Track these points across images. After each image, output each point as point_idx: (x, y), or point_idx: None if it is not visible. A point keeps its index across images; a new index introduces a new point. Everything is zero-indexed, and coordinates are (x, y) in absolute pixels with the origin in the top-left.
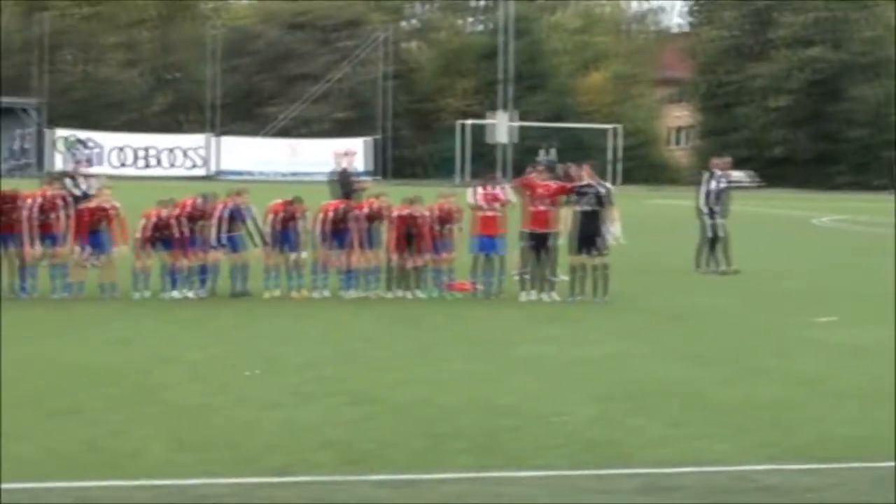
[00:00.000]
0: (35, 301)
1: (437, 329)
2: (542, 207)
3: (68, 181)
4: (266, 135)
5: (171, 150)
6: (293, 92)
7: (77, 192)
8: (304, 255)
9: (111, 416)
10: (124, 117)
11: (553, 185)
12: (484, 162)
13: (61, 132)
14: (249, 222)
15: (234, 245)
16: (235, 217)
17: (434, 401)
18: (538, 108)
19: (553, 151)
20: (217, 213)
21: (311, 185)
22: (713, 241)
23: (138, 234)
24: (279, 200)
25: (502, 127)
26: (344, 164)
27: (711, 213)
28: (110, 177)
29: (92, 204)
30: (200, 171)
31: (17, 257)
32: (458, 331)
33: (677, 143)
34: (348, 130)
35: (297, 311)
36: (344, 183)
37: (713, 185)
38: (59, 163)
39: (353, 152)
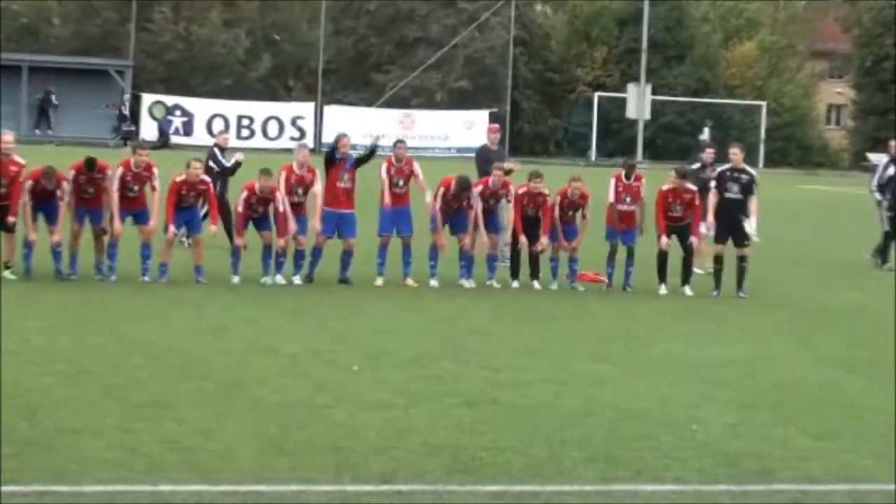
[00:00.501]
0: (119, 283)
1: (560, 324)
2: (676, 214)
3: (216, 151)
4: (378, 105)
5: (271, 120)
6: (409, 58)
7: (226, 165)
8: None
9: (197, 413)
10: (221, 82)
11: (688, 194)
12: (617, 140)
13: (148, 97)
14: None
15: (343, 224)
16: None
17: (556, 404)
18: (678, 81)
19: (707, 130)
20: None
21: (430, 160)
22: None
23: (240, 209)
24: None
25: (644, 101)
26: (488, 140)
27: (892, 205)
28: (200, 147)
29: (182, 177)
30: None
31: (103, 234)
32: (584, 326)
33: (834, 122)
34: (469, 101)
35: (407, 301)
36: (484, 160)
37: (892, 171)
38: (145, 131)
39: (496, 128)
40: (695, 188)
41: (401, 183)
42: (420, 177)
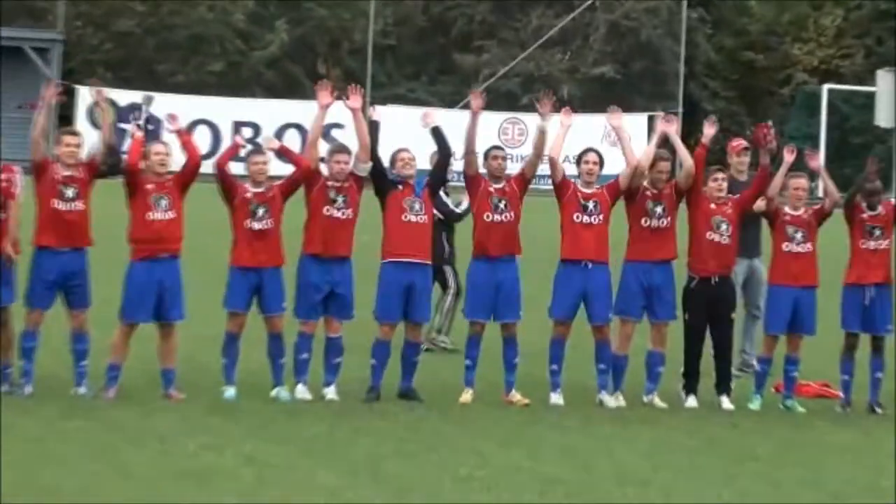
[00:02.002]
0: (39, 397)
1: (774, 472)
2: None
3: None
4: (465, 105)
5: (288, 129)
6: (515, 29)
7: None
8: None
9: None
10: (207, 68)
11: None
12: (861, 160)
13: (88, 92)
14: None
15: (416, 291)
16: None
17: None
18: None
19: None
20: None
21: (548, 194)
22: None
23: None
24: None
25: None
26: (732, 165)
27: None
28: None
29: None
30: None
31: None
32: (812, 478)
33: None
34: (616, 99)
35: (510, 431)
36: None
37: None
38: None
39: (741, 146)
40: None
41: (502, 205)
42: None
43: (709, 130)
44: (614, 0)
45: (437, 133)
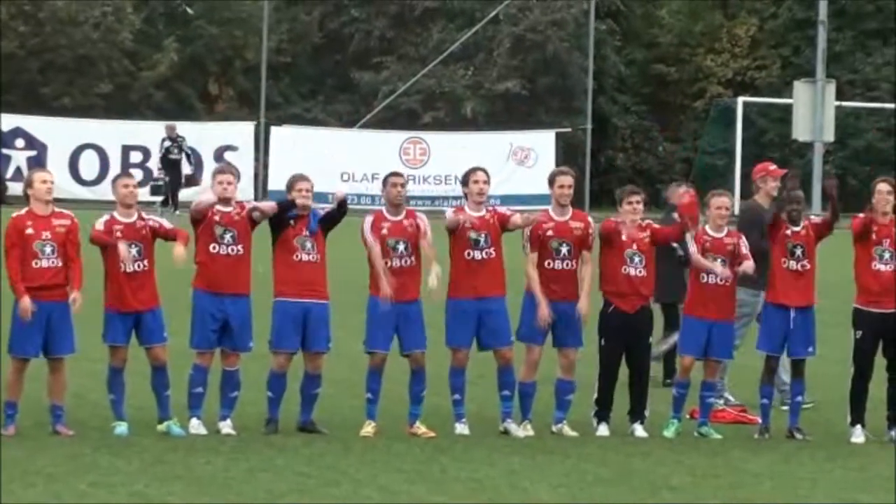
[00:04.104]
0: None
1: None
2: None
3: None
4: (363, 124)
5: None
6: (416, 44)
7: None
8: None
9: None
10: (94, 90)
11: None
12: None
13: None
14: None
15: (312, 327)
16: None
17: None
18: (882, 76)
19: None
20: None
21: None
22: None
23: None
24: None
25: (822, 110)
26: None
27: None
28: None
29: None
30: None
31: None
32: None
33: None
34: (521, 117)
35: (417, 465)
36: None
37: None
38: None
39: (769, 169)
40: None
41: (401, 248)
42: (428, 236)
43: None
44: (518, 13)
45: (340, 205)
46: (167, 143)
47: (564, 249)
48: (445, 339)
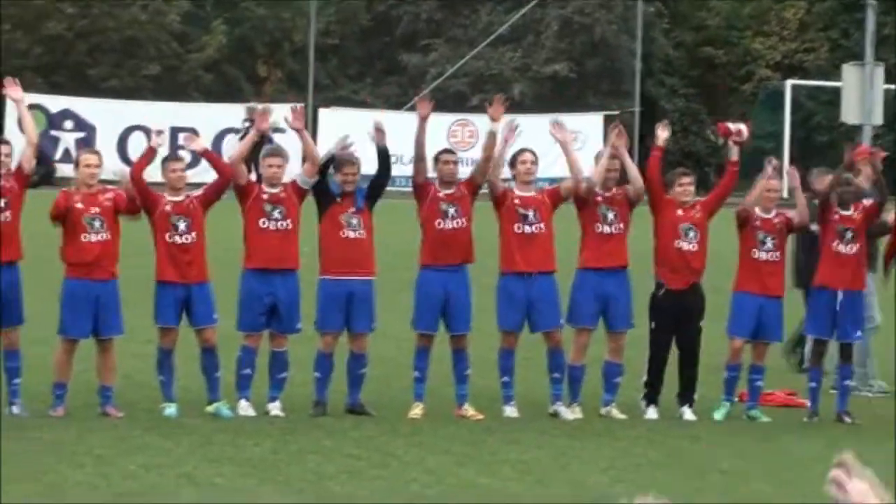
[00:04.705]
0: None
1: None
2: None
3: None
4: (412, 107)
5: (227, 134)
6: (464, 27)
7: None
8: None
9: None
10: (142, 72)
11: None
12: (829, 158)
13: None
14: None
15: (357, 306)
16: None
17: None
18: None
19: None
20: None
21: None
22: None
23: None
24: None
25: (872, 93)
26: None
27: None
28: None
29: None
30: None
31: None
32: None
33: None
34: (570, 99)
35: (464, 447)
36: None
37: None
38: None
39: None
40: None
41: (452, 211)
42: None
43: (662, 133)
44: None
45: (382, 154)
46: (247, 125)
47: (611, 215)
48: (496, 321)
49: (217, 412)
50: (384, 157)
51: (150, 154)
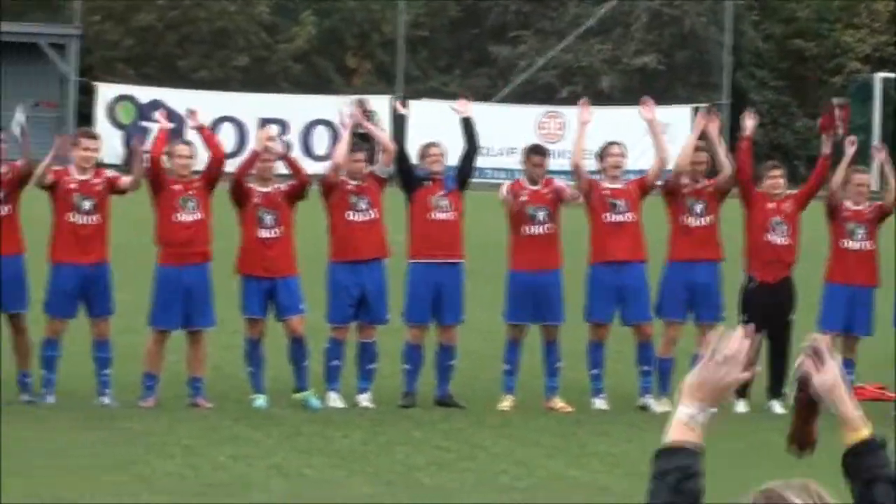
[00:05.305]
0: (62, 407)
1: None
2: None
3: None
4: (500, 98)
5: (316, 126)
6: (553, 19)
7: None
8: None
9: None
10: (231, 63)
11: None
12: None
13: (107, 89)
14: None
15: (445, 292)
16: None
17: None
18: None
19: None
20: None
21: None
22: None
23: None
24: None
25: None
26: None
27: None
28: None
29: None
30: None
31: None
32: None
33: None
34: (658, 91)
35: (555, 439)
36: None
37: None
38: (116, 144)
39: None
40: None
41: (541, 216)
42: (567, 193)
43: (749, 122)
44: None
45: (467, 124)
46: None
47: (699, 207)
48: (585, 313)
49: (306, 402)
50: (469, 127)
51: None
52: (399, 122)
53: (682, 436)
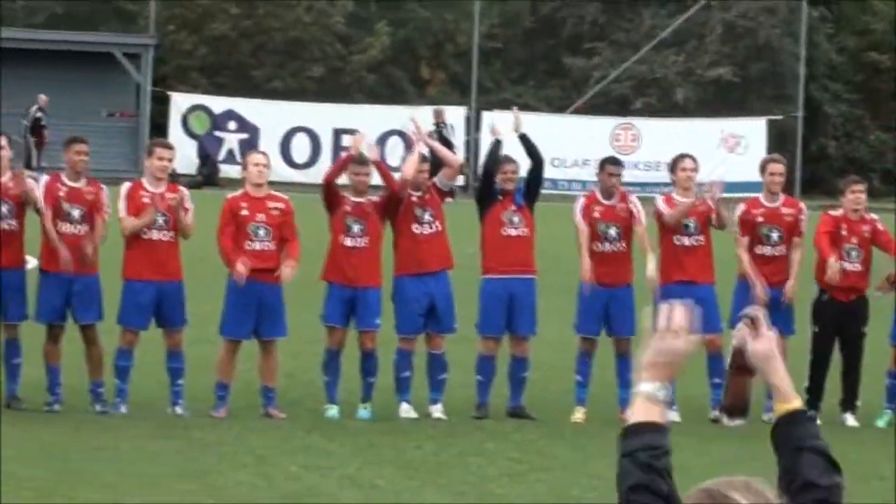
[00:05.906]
0: (134, 416)
1: None
2: None
3: None
4: (574, 109)
5: (390, 136)
6: (628, 31)
7: None
8: None
9: None
10: (305, 74)
11: None
12: None
13: (181, 99)
14: None
15: (519, 306)
16: None
17: None
18: None
19: None
20: None
21: None
22: None
23: None
24: None
25: None
26: None
27: None
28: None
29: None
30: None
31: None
32: None
33: None
34: (732, 103)
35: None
36: None
37: None
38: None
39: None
40: None
41: (612, 233)
42: (642, 220)
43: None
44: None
45: (525, 140)
46: (432, 128)
47: (775, 235)
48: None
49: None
50: (527, 144)
51: (346, 162)
52: (471, 132)
53: (646, 414)
